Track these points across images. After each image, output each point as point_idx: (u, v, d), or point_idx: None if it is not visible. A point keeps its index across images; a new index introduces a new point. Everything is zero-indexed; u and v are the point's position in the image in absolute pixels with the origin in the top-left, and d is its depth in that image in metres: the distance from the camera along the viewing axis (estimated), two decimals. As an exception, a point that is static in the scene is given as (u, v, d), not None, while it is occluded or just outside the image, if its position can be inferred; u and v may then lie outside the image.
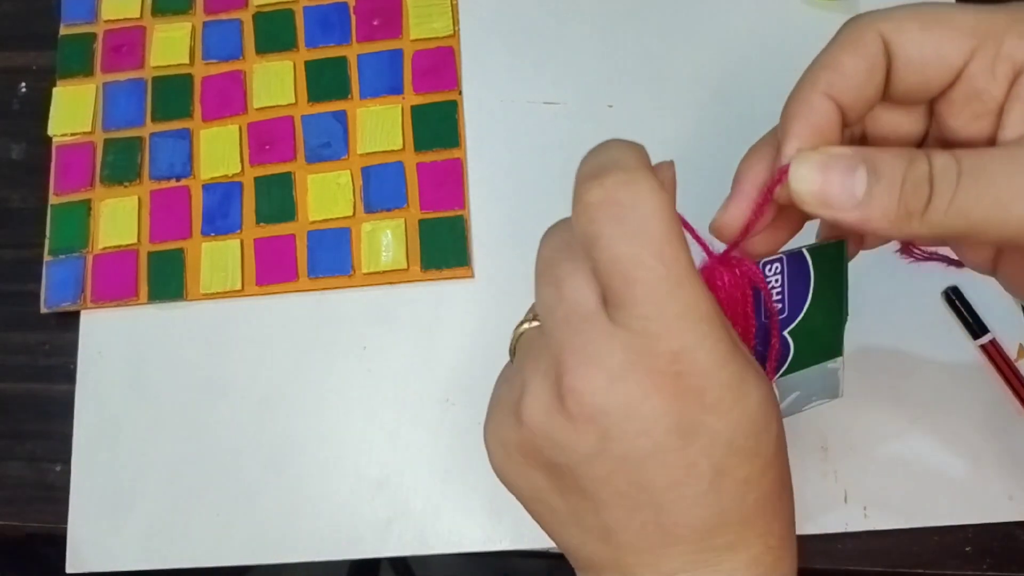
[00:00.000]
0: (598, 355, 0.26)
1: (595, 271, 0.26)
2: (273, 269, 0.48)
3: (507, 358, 0.30)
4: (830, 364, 0.34)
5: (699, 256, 0.30)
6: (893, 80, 0.28)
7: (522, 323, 0.29)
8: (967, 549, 0.43)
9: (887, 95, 0.28)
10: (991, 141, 0.28)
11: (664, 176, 0.27)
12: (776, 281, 0.30)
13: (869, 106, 0.28)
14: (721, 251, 0.30)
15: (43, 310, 0.49)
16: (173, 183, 0.50)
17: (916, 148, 0.28)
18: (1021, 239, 0.25)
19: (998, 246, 0.31)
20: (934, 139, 0.30)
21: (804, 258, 0.31)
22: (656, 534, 0.27)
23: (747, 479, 0.26)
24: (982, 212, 0.25)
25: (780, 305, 0.31)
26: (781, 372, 0.33)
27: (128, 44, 0.53)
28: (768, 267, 0.30)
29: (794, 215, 0.30)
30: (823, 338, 0.33)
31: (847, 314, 0.32)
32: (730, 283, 0.29)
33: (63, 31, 0.53)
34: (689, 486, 0.26)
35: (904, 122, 0.30)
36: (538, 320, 0.28)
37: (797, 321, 0.32)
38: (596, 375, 0.25)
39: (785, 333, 0.32)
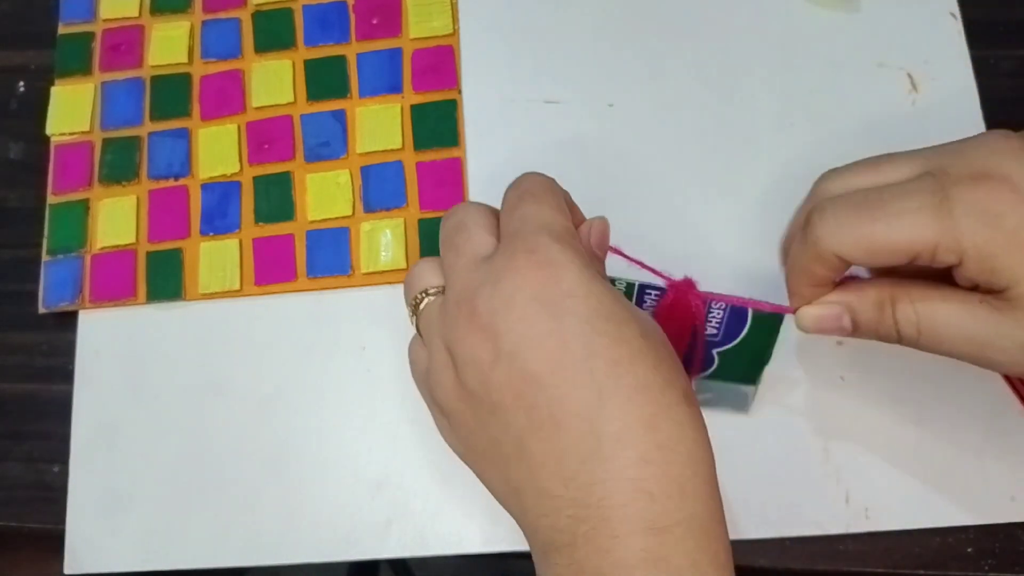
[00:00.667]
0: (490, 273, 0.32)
1: (503, 226, 0.34)
2: (272, 269, 0.48)
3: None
4: (743, 387, 0.42)
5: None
6: None
7: (420, 301, 0.36)
8: (969, 550, 0.42)
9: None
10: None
11: (592, 223, 0.36)
12: (719, 312, 0.37)
13: None
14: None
15: (41, 310, 0.48)
16: (171, 182, 0.50)
17: (889, 288, 0.35)
18: (977, 362, 0.34)
19: None
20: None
21: (745, 313, 0.37)
22: (552, 431, 0.29)
23: (618, 360, 0.30)
24: (941, 350, 0.34)
25: (717, 331, 0.38)
26: (704, 375, 0.41)
27: (126, 43, 0.52)
28: (715, 303, 0.37)
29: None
30: (742, 369, 0.40)
31: (767, 361, 0.39)
32: (673, 300, 0.36)
33: (61, 30, 0.53)
34: (567, 366, 0.29)
35: None
36: (433, 294, 0.35)
37: (726, 348, 0.38)
38: (486, 289, 0.31)
39: (714, 352, 0.39)
